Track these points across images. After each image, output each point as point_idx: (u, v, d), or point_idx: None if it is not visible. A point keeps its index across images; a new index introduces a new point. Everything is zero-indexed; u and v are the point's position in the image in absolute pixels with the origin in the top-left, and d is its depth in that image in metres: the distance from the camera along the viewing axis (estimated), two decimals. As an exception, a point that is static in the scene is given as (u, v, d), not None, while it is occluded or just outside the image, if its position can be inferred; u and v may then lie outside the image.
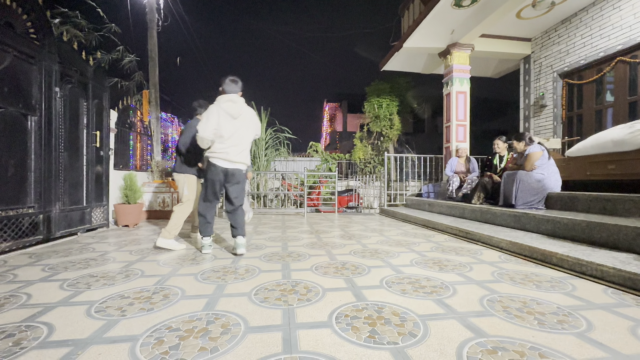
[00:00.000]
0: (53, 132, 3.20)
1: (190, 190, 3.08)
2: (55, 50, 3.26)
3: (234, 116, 2.55)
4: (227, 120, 2.52)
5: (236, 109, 2.56)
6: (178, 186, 3.14)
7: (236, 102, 2.57)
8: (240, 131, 2.60)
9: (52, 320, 1.39)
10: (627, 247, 2.21)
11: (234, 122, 2.56)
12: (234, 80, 2.61)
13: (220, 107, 2.51)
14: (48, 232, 3.15)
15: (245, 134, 2.65)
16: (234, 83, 2.60)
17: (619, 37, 4.57)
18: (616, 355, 1.11)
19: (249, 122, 2.65)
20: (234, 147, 2.58)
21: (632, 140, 3.15)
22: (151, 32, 6.39)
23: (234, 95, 2.59)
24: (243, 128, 2.61)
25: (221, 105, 2.52)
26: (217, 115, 2.50)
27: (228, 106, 2.53)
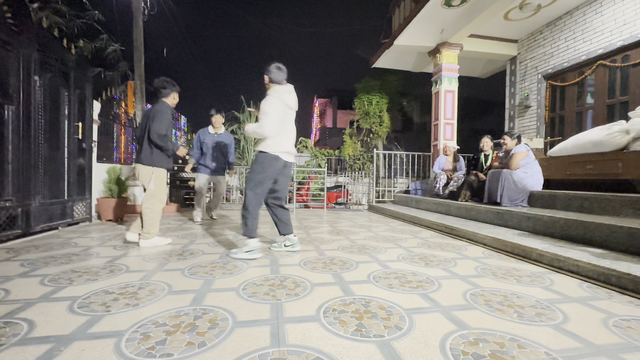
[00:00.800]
0: (32, 122, 3.08)
1: (157, 185, 2.75)
2: (34, 37, 3.12)
3: (292, 108, 2.49)
4: (286, 113, 2.44)
5: (295, 100, 2.49)
6: (143, 179, 2.74)
7: (293, 92, 2.49)
8: (293, 122, 2.56)
9: (32, 316, 1.35)
10: (602, 243, 2.32)
11: (291, 114, 2.51)
12: (280, 68, 2.45)
13: (282, 100, 2.39)
14: (27, 226, 3.04)
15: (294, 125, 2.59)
16: (282, 71, 2.46)
17: (601, 41, 4.73)
18: (589, 345, 1.17)
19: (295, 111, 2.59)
20: (292, 139, 2.54)
21: (610, 141, 3.28)
22: (137, 21, 6.19)
23: (290, 86, 2.49)
24: (293, 119, 2.57)
25: (283, 97, 2.40)
26: (282, 108, 2.39)
27: (288, 98, 2.43)
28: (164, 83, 2.79)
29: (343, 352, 1.10)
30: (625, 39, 4.39)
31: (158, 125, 2.62)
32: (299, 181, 7.08)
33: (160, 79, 2.80)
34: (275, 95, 2.39)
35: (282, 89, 2.43)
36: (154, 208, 2.74)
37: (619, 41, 4.47)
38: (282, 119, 2.39)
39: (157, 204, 2.77)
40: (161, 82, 2.79)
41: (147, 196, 2.74)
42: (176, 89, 2.87)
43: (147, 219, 2.70)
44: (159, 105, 2.73)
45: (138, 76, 6.20)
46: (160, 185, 2.77)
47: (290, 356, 1.07)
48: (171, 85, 2.82)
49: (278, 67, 2.45)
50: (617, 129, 3.28)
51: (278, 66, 2.45)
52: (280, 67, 2.45)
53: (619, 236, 2.21)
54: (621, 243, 2.19)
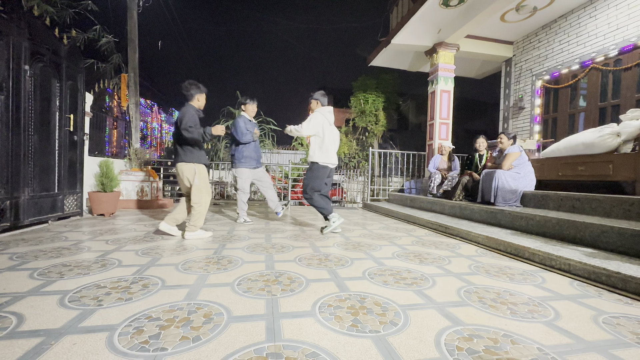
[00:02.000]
0: (22, 113, 3.00)
1: (202, 180, 2.89)
2: (24, 25, 3.04)
3: (331, 123, 3.34)
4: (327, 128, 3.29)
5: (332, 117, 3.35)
6: (188, 176, 2.87)
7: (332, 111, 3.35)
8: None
9: (21, 310, 1.32)
10: (592, 242, 2.36)
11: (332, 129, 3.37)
12: (324, 94, 3.38)
13: (325, 116, 3.27)
14: (16, 219, 2.97)
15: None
16: (326, 97, 3.38)
17: (594, 45, 4.81)
18: (580, 341, 1.19)
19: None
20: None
21: (601, 143, 3.34)
22: (131, 13, 6.08)
23: (331, 107, 3.36)
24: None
25: (325, 115, 3.28)
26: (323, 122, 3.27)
27: (329, 116, 3.30)
28: (187, 86, 2.91)
29: (339, 347, 1.10)
30: (618, 43, 4.46)
31: (184, 122, 2.75)
32: (294, 178, 7.06)
33: (185, 83, 2.93)
34: (319, 112, 3.28)
35: (325, 109, 3.31)
36: (202, 202, 2.90)
37: (612, 45, 4.54)
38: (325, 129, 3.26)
39: (204, 197, 2.92)
40: (185, 86, 2.92)
41: (194, 191, 2.88)
42: (200, 91, 2.96)
43: (195, 212, 2.87)
44: (184, 108, 2.86)
45: (132, 69, 6.09)
46: (204, 180, 2.92)
47: (286, 351, 1.06)
48: (195, 88, 2.92)
49: (324, 94, 3.37)
50: (608, 131, 3.34)
51: (324, 94, 3.37)
52: (324, 94, 3.38)
53: (609, 236, 2.25)
54: (611, 243, 2.23)
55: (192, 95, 2.91)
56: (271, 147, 7.51)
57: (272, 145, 7.42)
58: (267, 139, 7.19)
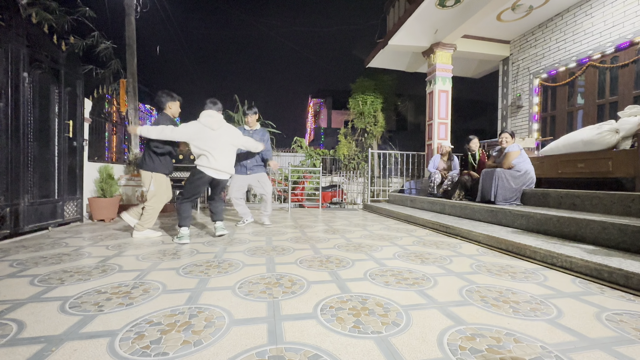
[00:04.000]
0: (21, 120, 3.01)
1: (157, 187, 3.02)
2: (23, 32, 3.05)
3: (212, 127, 3.03)
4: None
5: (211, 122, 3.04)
6: (144, 182, 3.04)
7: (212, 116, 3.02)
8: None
9: (22, 317, 1.31)
10: (594, 240, 2.36)
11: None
12: (213, 101, 3.10)
13: (201, 121, 2.99)
14: (16, 226, 2.97)
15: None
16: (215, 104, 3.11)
17: (590, 42, 4.83)
18: (583, 339, 1.18)
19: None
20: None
21: (600, 140, 3.34)
22: (129, 19, 6.11)
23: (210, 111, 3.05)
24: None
25: (202, 120, 2.99)
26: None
27: (207, 120, 2.99)
28: (158, 97, 3.08)
29: (341, 348, 1.10)
30: (614, 41, 4.48)
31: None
32: (294, 181, 7.06)
33: (157, 92, 3.09)
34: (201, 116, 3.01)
35: (203, 114, 3.01)
36: (153, 205, 3.03)
37: (609, 42, 4.56)
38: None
39: (155, 203, 3.04)
40: (157, 97, 3.09)
41: (148, 195, 3.03)
42: (172, 99, 3.09)
43: (145, 214, 3.02)
44: (157, 118, 3.05)
45: (130, 74, 6.11)
46: (159, 186, 3.03)
47: (288, 353, 1.06)
48: (166, 96, 3.07)
49: (212, 100, 3.08)
50: (607, 128, 3.35)
51: (212, 100, 3.08)
52: (213, 101, 3.08)
53: (610, 233, 2.25)
54: (612, 239, 2.23)
55: (164, 104, 3.06)
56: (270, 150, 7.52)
57: (272, 148, 7.44)
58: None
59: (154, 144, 2.94)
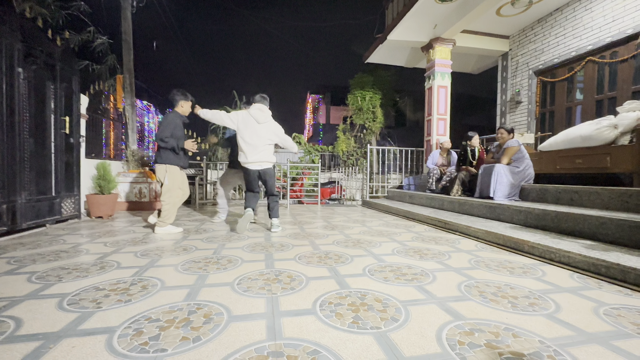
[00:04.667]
0: (16, 116, 2.97)
1: (171, 181, 3.09)
2: (17, 27, 3.00)
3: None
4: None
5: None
6: (158, 176, 3.12)
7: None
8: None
9: (19, 314, 1.31)
10: (591, 235, 2.37)
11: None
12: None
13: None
14: (13, 223, 2.95)
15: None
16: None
17: (590, 37, 4.80)
18: (581, 333, 1.19)
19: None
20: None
21: (598, 136, 3.34)
22: (125, 13, 6.03)
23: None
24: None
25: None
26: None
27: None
28: (173, 94, 3.16)
29: (340, 344, 1.10)
30: (614, 35, 4.46)
31: (159, 131, 3.04)
32: (292, 177, 7.05)
33: (172, 91, 3.17)
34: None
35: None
36: (169, 201, 3.07)
37: (608, 37, 4.54)
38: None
39: (172, 197, 3.09)
40: (171, 94, 3.17)
41: (163, 191, 3.07)
42: (185, 98, 3.19)
43: (163, 211, 3.06)
44: (166, 115, 3.14)
45: (127, 70, 6.04)
46: (172, 180, 3.07)
47: (287, 349, 1.06)
48: (180, 95, 3.16)
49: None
50: (605, 123, 3.34)
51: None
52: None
53: (608, 228, 2.25)
54: (610, 234, 2.23)
55: (176, 102, 3.15)
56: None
57: None
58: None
59: (162, 137, 2.99)
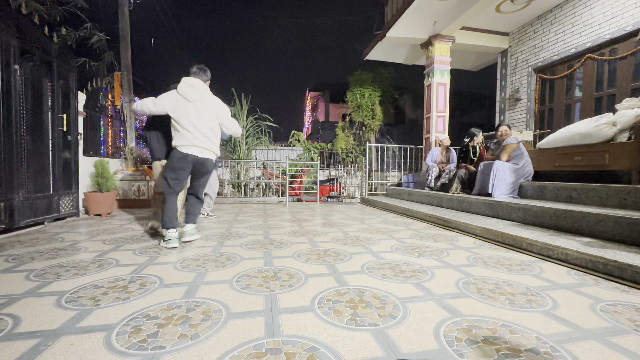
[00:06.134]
0: (13, 113, 2.95)
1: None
2: (13, 23, 2.97)
3: (191, 99, 2.55)
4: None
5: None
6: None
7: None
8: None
9: (17, 311, 1.31)
10: (589, 232, 2.38)
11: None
12: (197, 68, 2.62)
13: (178, 91, 2.52)
14: (11, 221, 2.94)
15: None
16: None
17: (589, 34, 4.79)
18: (578, 329, 1.20)
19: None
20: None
21: (597, 133, 3.35)
22: (122, 10, 5.98)
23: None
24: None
25: (180, 88, 2.52)
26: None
27: (185, 88, 2.53)
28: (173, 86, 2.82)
29: (338, 341, 1.10)
30: (614, 32, 4.45)
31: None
32: (291, 175, 7.04)
33: (172, 85, 2.79)
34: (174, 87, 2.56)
35: (182, 82, 2.54)
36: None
37: (607, 34, 4.53)
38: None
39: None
40: (172, 86, 2.77)
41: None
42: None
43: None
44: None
45: (125, 67, 6.01)
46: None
47: (286, 346, 1.06)
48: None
49: (199, 67, 2.61)
50: (604, 121, 3.35)
51: (200, 67, 2.62)
52: (198, 68, 2.61)
53: (605, 225, 2.26)
54: (608, 232, 2.24)
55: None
56: (268, 144, 7.47)
57: (269, 142, 7.39)
58: (263, 136, 7.15)
59: (164, 129, 2.71)
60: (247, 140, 6.87)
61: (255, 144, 7.08)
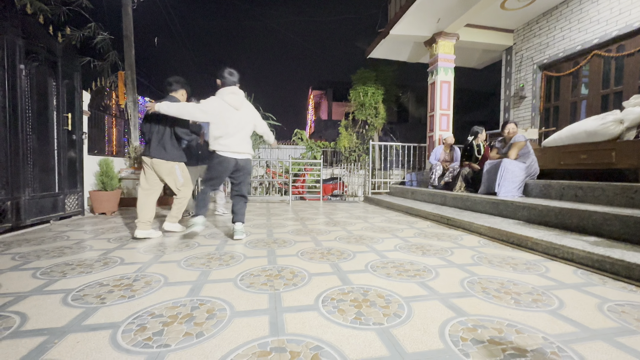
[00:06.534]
0: (19, 113, 2.98)
1: (185, 177, 2.93)
2: (18, 23, 2.99)
3: (236, 106, 2.69)
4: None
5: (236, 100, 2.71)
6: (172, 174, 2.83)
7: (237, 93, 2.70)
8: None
9: (24, 309, 1.32)
10: (596, 231, 2.35)
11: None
12: (231, 72, 2.70)
13: (223, 99, 2.64)
14: (17, 219, 2.97)
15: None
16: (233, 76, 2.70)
17: (596, 31, 4.73)
18: (585, 330, 1.18)
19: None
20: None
21: (604, 131, 3.30)
22: (126, 9, 6.00)
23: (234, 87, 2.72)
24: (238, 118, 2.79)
25: (224, 96, 2.64)
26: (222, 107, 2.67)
27: (230, 97, 2.65)
28: (174, 80, 2.87)
29: (342, 340, 1.10)
30: (621, 29, 4.39)
31: (182, 124, 2.76)
32: (294, 173, 7.04)
33: (172, 77, 2.88)
34: (218, 94, 2.66)
35: (225, 91, 2.65)
36: (187, 195, 2.95)
37: (615, 31, 4.46)
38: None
39: (188, 192, 2.98)
40: (172, 79, 2.87)
41: (179, 186, 2.91)
42: (187, 87, 2.95)
43: (179, 205, 2.95)
44: (166, 99, 2.82)
45: (129, 66, 6.03)
46: (187, 176, 2.94)
47: (290, 345, 1.06)
48: (183, 83, 2.91)
49: (230, 71, 2.69)
50: (611, 118, 3.30)
51: (230, 70, 2.69)
52: (231, 72, 2.69)
53: (612, 224, 2.23)
54: (614, 231, 2.22)
55: (176, 89, 2.87)
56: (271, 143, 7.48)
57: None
58: (266, 134, 7.17)
59: (182, 130, 2.74)
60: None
61: (258, 143, 7.08)
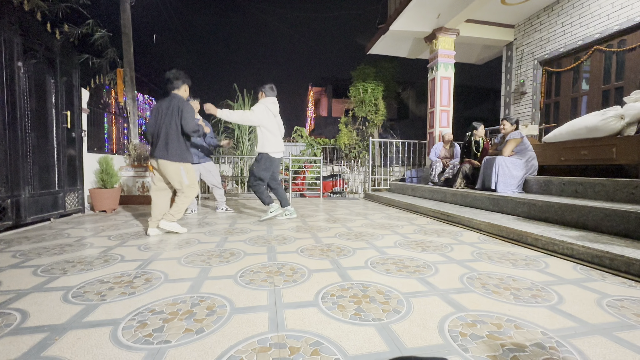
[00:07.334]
0: (18, 110, 2.97)
1: (191, 178, 2.86)
2: (15, 20, 2.98)
3: (275, 114, 3.44)
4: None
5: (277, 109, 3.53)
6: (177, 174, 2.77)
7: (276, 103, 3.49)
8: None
9: (25, 306, 1.32)
10: (595, 227, 2.35)
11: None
12: (272, 88, 3.42)
13: (268, 107, 3.34)
14: (17, 217, 2.98)
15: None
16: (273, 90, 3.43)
17: (597, 25, 4.69)
18: (584, 324, 1.19)
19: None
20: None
21: (604, 126, 3.29)
22: (124, 6, 5.96)
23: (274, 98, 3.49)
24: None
25: (268, 105, 3.34)
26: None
27: (273, 107, 3.40)
28: (176, 74, 2.79)
29: (342, 335, 1.10)
30: (622, 23, 4.36)
31: (188, 122, 2.72)
32: (294, 170, 7.04)
33: (171, 71, 2.81)
34: (262, 103, 3.32)
35: (268, 100, 3.36)
36: (191, 195, 2.86)
37: (616, 25, 4.43)
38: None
39: (193, 193, 2.89)
40: (173, 73, 2.78)
41: (185, 187, 2.83)
42: (188, 82, 2.89)
43: (180, 204, 2.83)
44: (183, 101, 2.77)
45: (127, 63, 6.01)
46: (192, 177, 2.86)
47: (290, 340, 1.06)
48: (185, 77, 2.84)
49: (271, 87, 3.40)
50: (611, 114, 3.29)
51: (271, 86, 3.40)
52: (272, 87, 3.40)
53: (612, 220, 2.23)
54: (615, 226, 2.22)
55: (179, 85, 2.81)
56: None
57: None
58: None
59: (194, 129, 2.76)
60: (249, 136, 6.86)
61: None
